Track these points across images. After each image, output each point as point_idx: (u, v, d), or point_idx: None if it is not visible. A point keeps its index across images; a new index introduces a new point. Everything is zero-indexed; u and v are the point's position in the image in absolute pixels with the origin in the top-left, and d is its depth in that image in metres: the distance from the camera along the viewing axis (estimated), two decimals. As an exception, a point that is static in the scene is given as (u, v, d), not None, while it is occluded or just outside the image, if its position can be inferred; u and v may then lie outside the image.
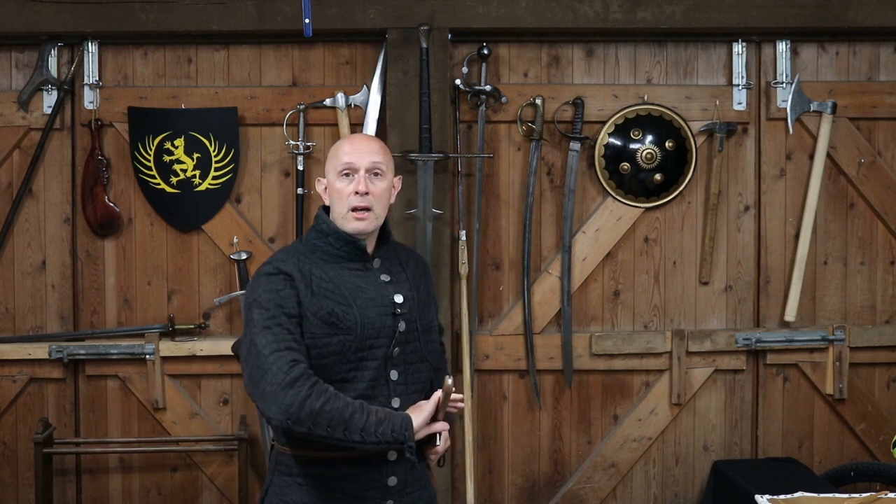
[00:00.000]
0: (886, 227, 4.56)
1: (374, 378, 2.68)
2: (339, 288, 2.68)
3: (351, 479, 2.69)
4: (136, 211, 4.44)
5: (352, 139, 2.82)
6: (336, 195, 2.73)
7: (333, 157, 2.77)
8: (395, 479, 2.73)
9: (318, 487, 2.69)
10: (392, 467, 2.72)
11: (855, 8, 4.33)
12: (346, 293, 2.68)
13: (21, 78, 4.41)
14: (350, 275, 2.72)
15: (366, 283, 2.72)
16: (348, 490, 2.69)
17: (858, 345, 4.52)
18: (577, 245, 4.49)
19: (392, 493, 2.73)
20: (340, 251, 2.74)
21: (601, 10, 4.30)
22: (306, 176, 4.38)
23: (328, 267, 2.71)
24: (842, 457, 4.57)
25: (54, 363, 4.37)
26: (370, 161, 2.72)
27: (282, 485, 2.74)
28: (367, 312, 2.68)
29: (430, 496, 2.86)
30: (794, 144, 4.53)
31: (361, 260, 2.75)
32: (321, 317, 2.64)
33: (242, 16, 4.25)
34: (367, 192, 2.70)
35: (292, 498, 2.71)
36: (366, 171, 2.71)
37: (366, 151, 2.74)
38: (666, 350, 4.49)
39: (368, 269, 2.76)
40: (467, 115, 4.41)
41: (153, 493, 4.48)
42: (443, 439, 2.74)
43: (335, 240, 2.73)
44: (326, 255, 2.73)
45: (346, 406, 2.56)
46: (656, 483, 4.58)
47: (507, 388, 4.53)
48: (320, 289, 2.66)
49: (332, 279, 2.69)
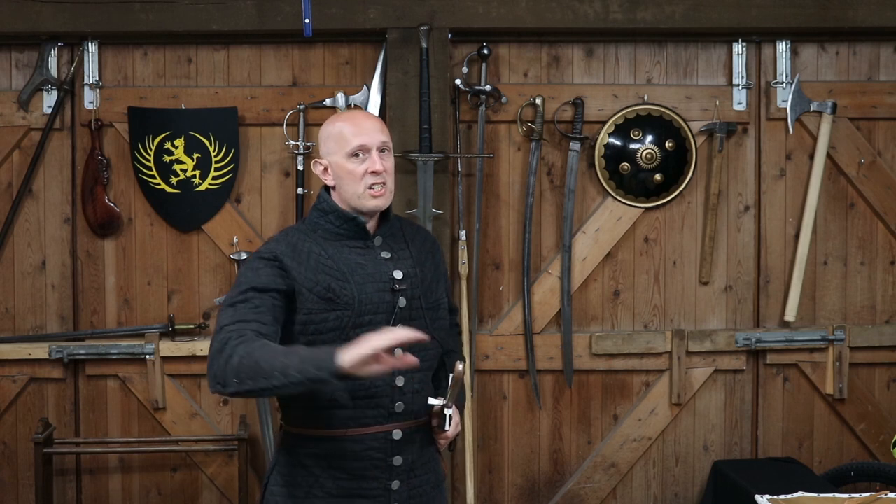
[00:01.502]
0: (886, 227, 4.56)
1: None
2: (338, 264, 2.69)
3: (355, 458, 2.68)
4: (136, 211, 4.44)
5: (353, 118, 2.79)
6: (348, 176, 2.72)
7: (338, 138, 2.74)
8: (401, 458, 2.72)
9: (322, 467, 2.69)
10: (398, 446, 2.71)
11: (855, 8, 4.33)
12: (345, 269, 2.69)
13: (21, 78, 4.41)
14: (350, 252, 2.73)
15: (365, 260, 2.73)
16: (353, 469, 2.69)
17: (858, 345, 4.52)
18: (577, 245, 4.49)
19: (398, 472, 2.72)
20: (341, 229, 2.75)
21: (601, 10, 4.30)
22: (306, 176, 4.38)
23: (328, 245, 2.73)
24: (842, 457, 4.57)
25: (54, 363, 4.37)
26: (380, 140, 2.73)
27: (286, 464, 2.74)
28: (364, 288, 2.68)
29: (438, 479, 2.84)
30: (794, 144, 4.53)
31: (362, 237, 2.76)
32: (317, 292, 2.65)
33: (242, 16, 4.25)
34: (383, 170, 2.72)
35: (296, 479, 2.71)
36: (377, 150, 2.73)
37: (373, 130, 2.74)
38: (666, 350, 4.49)
39: (369, 246, 2.77)
40: (467, 115, 4.41)
41: (153, 493, 4.48)
42: (452, 424, 2.74)
43: (335, 218, 2.75)
44: (327, 234, 2.75)
45: (267, 353, 2.46)
46: (656, 483, 4.58)
47: (507, 388, 4.53)
48: (319, 265, 2.67)
49: (331, 256, 2.70)
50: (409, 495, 2.74)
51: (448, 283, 2.97)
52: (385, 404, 2.69)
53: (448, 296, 2.94)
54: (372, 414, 2.69)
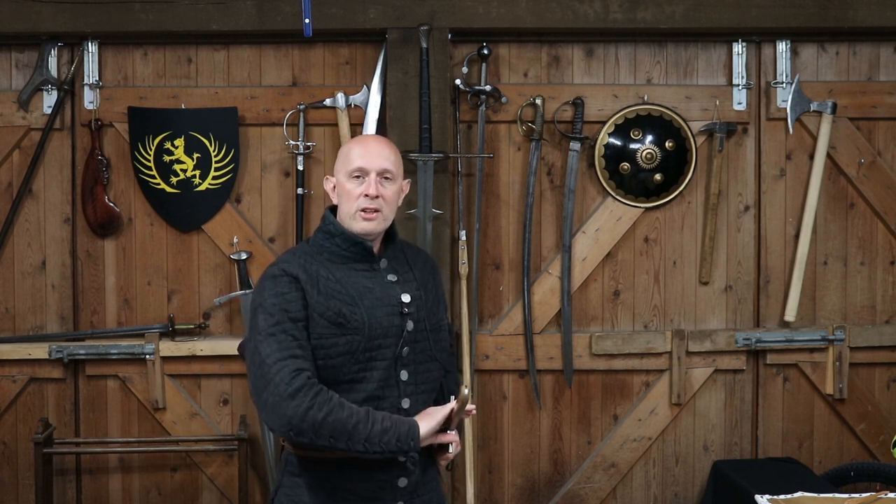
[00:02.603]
0: (886, 227, 4.56)
1: (383, 378, 2.68)
2: (347, 288, 2.69)
3: (361, 480, 2.69)
4: (136, 211, 4.44)
5: (364, 142, 2.83)
6: (346, 195, 2.75)
7: (345, 158, 2.78)
8: (406, 480, 2.73)
9: (328, 489, 2.70)
10: (402, 469, 2.72)
11: (855, 8, 4.33)
12: (354, 293, 2.69)
13: (21, 78, 4.41)
14: (357, 275, 2.73)
15: (373, 284, 2.73)
16: (358, 491, 2.70)
17: (858, 345, 4.52)
18: (577, 245, 4.49)
19: (402, 494, 2.73)
20: (347, 252, 2.75)
21: (601, 10, 4.30)
22: (306, 176, 4.38)
23: (335, 268, 2.72)
24: (842, 457, 4.57)
25: (54, 363, 4.37)
26: (381, 166, 2.75)
27: (292, 486, 2.74)
28: (374, 312, 2.68)
29: (440, 498, 2.87)
30: (794, 144, 4.53)
31: (368, 260, 2.76)
32: (328, 317, 2.64)
33: (242, 16, 4.25)
34: (377, 195, 2.72)
35: (302, 499, 2.72)
36: (377, 175, 2.74)
37: (377, 156, 2.76)
38: (666, 350, 4.49)
39: (375, 269, 2.77)
40: (467, 115, 4.41)
41: (153, 493, 4.48)
42: (454, 446, 2.76)
43: (342, 241, 2.75)
44: (333, 256, 2.75)
45: (350, 416, 2.56)
46: (656, 483, 4.58)
47: (507, 388, 4.53)
48: (327, 289, 2.67)
49: (339, 280, 2.70)
50: None
51: (446, 305, 2.98)
52: None
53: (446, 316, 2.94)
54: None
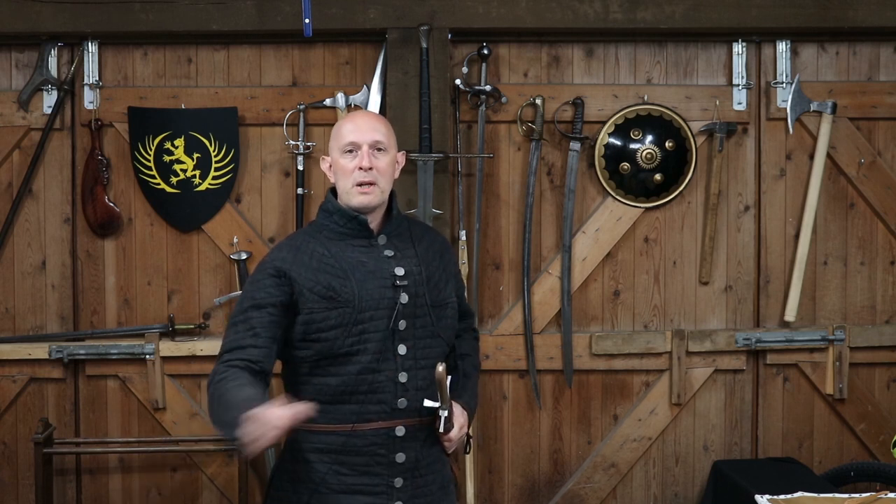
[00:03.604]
0: (886, 227, 4.56)
1: (379, 351, 2.71)
2: (340, 262, 2.74)
3: (358, 454, 2.70)
4: (136, 211, 4.44)
5: (353, 117, 2.88)
6: (341, 171, 2.80)
7: (336, 135, 2.83)
8: (404, 455, 2.73)
9: (326, 462, 2.72)
10: (401, 443, 2.72)
11: (855, 8, 4.33)
12: (346, 267, 2.74)
13: (21, 78, 4.41)
14: (354, 251, 2.78)
15: (367, 258, 2.77)
16: (356, 465, 2.71)
17: (858, 345, 4.52)
18: (577, 245, 4.49)
19: (401, 470, 2.73)
20: (344, 228, 2.79)
21: (601, 10, 4.30)
22: (306, 176, 4.38)
23: (332, 244, 2.78)
24: (842, 457, 4.57)
25: (54, 363, 4.37)
26: (372, 138, 2.79)
27: (291, 460, 2.77)
28: (365, 285, 2.72)
29: (445, 480, 2.85)
30: (794, 144, 4.53)
31: (366, 236, 2.80)
32: (318, 292, 2.69)
33: (242, 16, 4.25)
34: (370, 167, 2.76)
35: (301, 474, 2.73)
36: (368, 147, 2.77)
37: (367, 129, 2.80)
38: (666, 350, 4.49)
39: (373, 245, 2.81)
40: (467, 115, 4.41)
41: (153, 493, 4.48)
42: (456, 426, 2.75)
43: (339, 217, 2.80)
44: (332, 234, 2.80)
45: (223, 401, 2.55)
46: (656, 483, 4.58)
47: (507, 388, 4.53)
48: (321, 265, 2.73)
49: (334, 255, 2.75)
50: (412, 494, 2.75)
51: (462, 285, 2.99)
52: (388, 400, 2.70)
53: (462, 298, 2.96)
54: (375, 409, 2.70)
